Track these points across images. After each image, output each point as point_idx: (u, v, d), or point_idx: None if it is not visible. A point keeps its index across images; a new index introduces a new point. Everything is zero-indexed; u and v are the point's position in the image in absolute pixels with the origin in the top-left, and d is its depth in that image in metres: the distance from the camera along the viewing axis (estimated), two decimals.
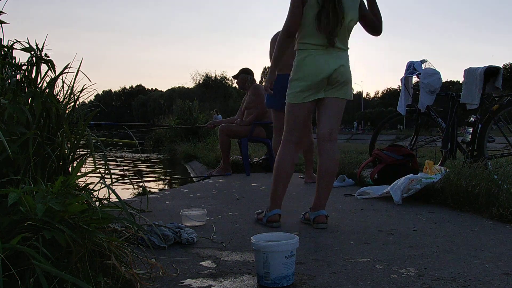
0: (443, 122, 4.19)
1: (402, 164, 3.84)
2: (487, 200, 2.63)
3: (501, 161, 3.69)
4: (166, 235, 1.98)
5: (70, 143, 1.66)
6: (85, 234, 1.23)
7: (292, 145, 2.48)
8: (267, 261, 1.44)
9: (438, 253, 1.84)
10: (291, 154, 2.48)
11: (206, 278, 1.54)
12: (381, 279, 1.51)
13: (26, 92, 1.53)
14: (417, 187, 3.05)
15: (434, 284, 1.46)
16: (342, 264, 1.69)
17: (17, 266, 1.08)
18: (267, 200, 2.42)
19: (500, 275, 1.54)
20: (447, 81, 52.37)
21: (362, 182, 4.07)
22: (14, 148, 1.33)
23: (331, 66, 2.36)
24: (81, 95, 1.75)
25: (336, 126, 2.49)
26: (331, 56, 2.37)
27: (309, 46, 2.37)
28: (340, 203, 3.20)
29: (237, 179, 4.84)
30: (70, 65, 1.67)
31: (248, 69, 5.78)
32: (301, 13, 2.34)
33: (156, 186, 5.42)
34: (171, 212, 2.87)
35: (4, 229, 1.14)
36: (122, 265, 1.34)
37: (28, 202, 1.15)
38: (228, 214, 2.79)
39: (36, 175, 1.41)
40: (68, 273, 1.16)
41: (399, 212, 2.77)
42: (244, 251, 1.90)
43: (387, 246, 1.95)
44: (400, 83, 4.46)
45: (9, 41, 1.61)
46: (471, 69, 3.95)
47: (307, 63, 2.37)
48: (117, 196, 1.34)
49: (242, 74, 5.69)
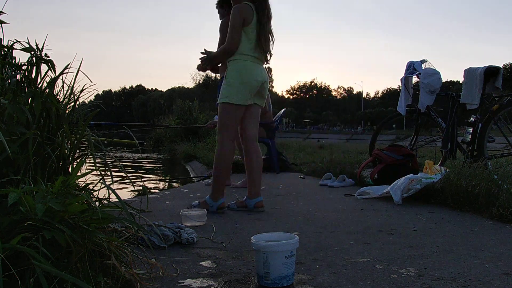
0: (443, 122, 4.19)
1: (402, 164, 3.84)
2: (487, 200, 2.63)
3: (501, 161, 3.69)
4: (166, 235, 1.98)
5: (70, 143, 1.66)
6: (85, 234, 1.22)
7: (232, 141, 2.89)
8: (267, 261, 1.44)
9: (438, 253, 1.84)
10: (232, 149, 2.92)
11: (206, 278, 1.54)
12: (381, 279, 1.51)
13: (26, 92, 1.53)
14: (417, 187, 3.05)
15: (434, 284, 1.46)
16: (342, 264, 1.69)
17: (17, 266, 1.08)
18: (268, 200, 2.43)
19: (500, 275, 1.54)
20: (447, 81, 52.43)
21: (362, 182, 4.07)
22: (14, 148, 1.33)
23: (264, 77, 2.88)
24: (81, 95, 1.75)
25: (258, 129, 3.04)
26: (262, 69, 2.91)
27: (249, 58, 2.81)
28: (340, 203, 3.20)
29: (237, 179, 4.84)
30: (70, 65, 1.67)
31: None
32: (241, 36, 2.77)
33: (156, 186, 5.42)
34: (171, 212, 2.87)
35: (4, 229, 1.14)
36: (122, 265, 1.34)
37: (28, 202, 1.15)
38: (228, 214, 2.80)
39: (36, 175, 1.41)
40: (68, 273, 1.16)
41: (399, 212, 2.77)
42: (244, 251, 1.90)
43: (387, 246, 1.95)
44: (400, 83, 4.47)
45: (9, 41, 1.61)
46: (471, 69, 3.95)
47: (249, 71, 2.80)
48: (117, 196, 1.34)
49: None
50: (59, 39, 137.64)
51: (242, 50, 2.78)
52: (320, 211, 2.86)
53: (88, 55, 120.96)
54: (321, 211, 2.88)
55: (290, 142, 13.47)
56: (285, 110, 6.32)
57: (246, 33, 2.77)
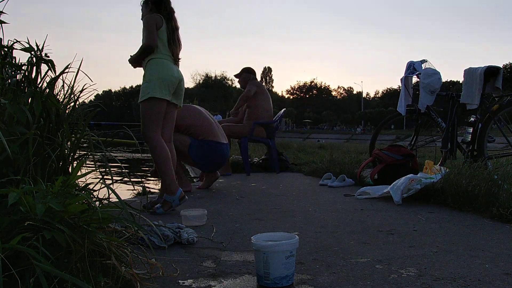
0: (443, 122, 4.18)
1: (402, 164, 3.84)
2: (487, 200, 2.62)
3: (501, 161, 3.69)
4: (166, 235, 1.98)
5: (70, 143, 1.66)
6: (85, 234, 1.22)
7: (159, 135, 2.94)
8: (267, 261, 1.44)
9: (438, 253, 1.84)
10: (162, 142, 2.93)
11: (206, 278, 1.54)
12: (381, 279, 1.51)
13: (26, 92, 1.53)
14: (417, 187, 3.05)
15: (434, 284, 1.46)
16: (342, 264, 1.69)
17: (17, 266, 1.08)
18: (268, 200, 2.43)
19: (500, 275, 1.54)
20: (447, 81, 52.41)
21: (362, 182, 4.07)
22: (14, 148, 1.33)
23: (180, 76, 3.04)
24: (81, 95, 1.75)
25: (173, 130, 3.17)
26: (178, 69, 3.07)
27: (164, 56, 2.98)
28: (340, 203, 3.20)
29: (237, 179, 4.84)
30: (70, 65, 1.67)
31: (251, 68, 5.78)
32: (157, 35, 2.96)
33: (156, 186, 5.42)
34: (171, 212, 2.87)
35: (4, 229, 1.14)
36: (122, 265, 1.34)
37: (28, 202, 1.15)
38: (228, 214, 2.79)
39: (36, 175, 1.41)
40: (68, 273, 1.16)
41: (399, 212, 2.77)
42: (244, 251, 1.90)
43: (387, 246, 1.95)
44: (400, 83, 4.46)
45: (9, 41, 1.61)
46: (471, 69, 3.95)
47: (166, 67, 2.95)
48: (117, 196, 1.34)
49: (244, 73, 5.69)
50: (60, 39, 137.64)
51: (158, 50, 2.98)
52: (320, 211, 2.86)
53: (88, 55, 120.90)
54: (321, 211, 2.88)
55: (290, 142, 13.46)
56: (285, 110, 6.33)
57: (159, 36, 2.98)
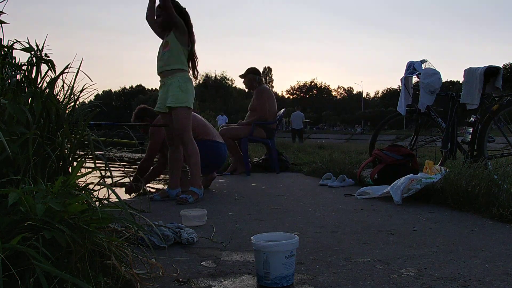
0: (443, 122, 4.19)
1: (402, 164, 3.84)
2: (487, 200, 2.62)
3: (501, 161, 3.69)
4: (166, 235, 1.98)
5: (70, 143, 1.66)
6: (85, 234, 1.22)
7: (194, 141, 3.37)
8: (267, 261, 1.44)
9: (438, 253, 1.84)
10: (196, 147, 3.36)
11: (206, 278, 1.54)
12: (381, 279, 1.51)
13: (26, 92, 1.53)
14: (417, 187, 3.05)
15: (434, 284, 1.46)
16: (342, 264, 1.69)
17: (17, 266, 1.08)
18: (268, 200, 2.43)
19: (500, 275, 1.54)
20: (447, 81, 52.38)
21: (362, 182, 4.07)
22: (14, 148, 1.33)
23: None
24: (81, 95, 1.75)
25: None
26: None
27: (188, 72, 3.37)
28: (340, 203, 3.20)
29: (237, 179, 4.84)
30: (70, 65, 1.67)
31: (256, 69, 5.77)
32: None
33: (156, 186, 5.42)
34: (171, 212, 2.87)
35: (4, 229, 1.14)
36: (122, 265, 1.34)
37: (28, 202, 1.15)
38: (228, 214, 2.79)
39: (36, 175, 1.41)
40: (68, 273, 1.16)
41: (399, 212, 2.77)
42: (244, 251, 1.90)
43: (387, 246, 1.95)
44: (400, 83, 4.46)
45: (9, 41, 1.61)
46: (471, 69, 3.95)
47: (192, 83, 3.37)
48: (117, 196, 1.34)
49: (249, 74, 5.68)
50: (60, 38, 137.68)
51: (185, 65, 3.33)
52: (320, 211, 2.86)
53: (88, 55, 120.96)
54: (321, 211, 2.88)
55: (290, 142, 13.47)
56: (285, 110, 6.32)
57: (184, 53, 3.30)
